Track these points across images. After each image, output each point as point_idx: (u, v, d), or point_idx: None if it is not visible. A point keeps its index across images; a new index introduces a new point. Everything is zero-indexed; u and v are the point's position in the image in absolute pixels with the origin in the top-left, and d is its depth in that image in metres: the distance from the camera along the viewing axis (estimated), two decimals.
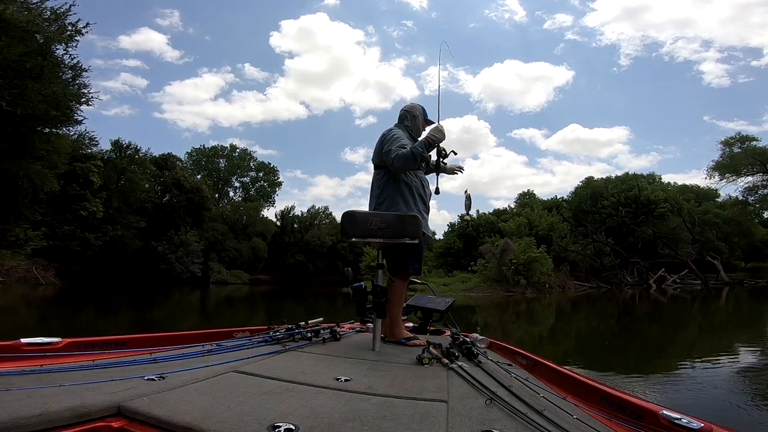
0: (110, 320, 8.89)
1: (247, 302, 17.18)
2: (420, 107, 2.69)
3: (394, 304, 2.37)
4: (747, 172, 30.45)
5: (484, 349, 2.30)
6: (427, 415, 1.14)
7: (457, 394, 1.38)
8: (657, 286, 23.64)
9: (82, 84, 17.64)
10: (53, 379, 1.25)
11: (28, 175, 17.77)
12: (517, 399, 1.30)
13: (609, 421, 1.29)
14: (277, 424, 0.96)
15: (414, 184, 2.48)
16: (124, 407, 1.04)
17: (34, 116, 15.34)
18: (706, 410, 3.05)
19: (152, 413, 1.00)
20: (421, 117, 2.66)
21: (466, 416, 1.15)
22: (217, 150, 48.49)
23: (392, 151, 2.35)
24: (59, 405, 0.97)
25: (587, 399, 1.55)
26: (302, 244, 43.40)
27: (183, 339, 2.16)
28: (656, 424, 1.18)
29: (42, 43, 15.40)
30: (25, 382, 1.20)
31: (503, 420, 1.13)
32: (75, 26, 16.44)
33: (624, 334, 8.46)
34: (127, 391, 1.14)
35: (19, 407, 0.94)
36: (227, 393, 1.21)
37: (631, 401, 1.36)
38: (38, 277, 18.44)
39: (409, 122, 2.64)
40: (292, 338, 2.21)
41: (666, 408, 1.22)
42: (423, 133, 2.64)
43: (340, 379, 1.47)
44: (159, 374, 1.35)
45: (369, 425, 1.02)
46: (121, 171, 29.34)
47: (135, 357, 1.68)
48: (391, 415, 1.11)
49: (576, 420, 1.18)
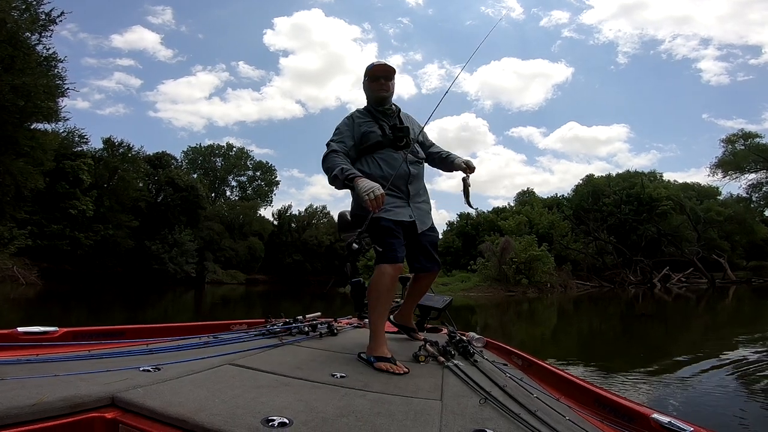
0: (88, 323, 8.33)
1: (242, 302, 16.83)
2: (367, 68, 2.13)
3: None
4: (750, 169, 30.08)
5: (480, 348, 2.30)
6: (421, 412, 1.14)
7: (451, 392, 1.38)
8: (662, 285, 23.23)
9: (57, 75, 17.11)
10: (48, 368, 1.23)
11: (10, 172, 17.19)
12: (511, 399, 1.30)
13: (601, 423, 1.30)
14: (271, 418, 0.96)
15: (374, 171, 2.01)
16: (118, 398, 1.03)
17: (2, 107, 14.72)
18: (698, 415, 3.10)
19: (146, 404, 1.00)
20: (364, 79, 2.14)
21: (460, 415, 1.16)
22: (214, 149, 48.10)
23: (328, 145, 2.01)
24: (53, 395, 0.96)
25: (580, 400, 1.57)
26: (299, 244, 42.96)
27: (180, 331, 2.13)
28: (647, 427, 1.20)
29: (13, 32, 14.83)
30: (19, 371, 1.18)
31: (496, 419, 1.13)
32: (49, 15, 15.96)
33: (633, 335, 8.03)
34: (121, 381, 1.13)
35: (12, 397, 0.94)
36: (222, 385, 1.21)
37: (623, 404, 1.38)
38: (18, 277, 17.87)
39: (366, 97, 2.17)
40: (289, 332, 2.19)
41: (657, 411, 1.23)
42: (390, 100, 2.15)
43: (336, 375, 1.46)
44: (155, 365, 1.33)
45: (363, 421, 1.02)
46: (113, 169, 28.90)
47: (131, 348, 1.66)
48: (385, 412, 1.11)
49: (568, 421, 1.18)
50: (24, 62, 15.23)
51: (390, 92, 2.11)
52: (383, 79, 2.08)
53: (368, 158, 2.02)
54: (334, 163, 1.89)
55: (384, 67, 2.09)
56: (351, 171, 1.85)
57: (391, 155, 2.01)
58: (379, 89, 2.07)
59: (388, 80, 2.09)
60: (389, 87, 2.10)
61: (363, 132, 2.03)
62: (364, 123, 2.06)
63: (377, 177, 1.93)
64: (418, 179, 2.12)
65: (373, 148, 2.02)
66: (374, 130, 2.03)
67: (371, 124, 2.05)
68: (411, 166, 2.05)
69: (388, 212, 1.92)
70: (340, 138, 2.01)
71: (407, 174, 2.02)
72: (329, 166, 1.90)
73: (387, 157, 2.01)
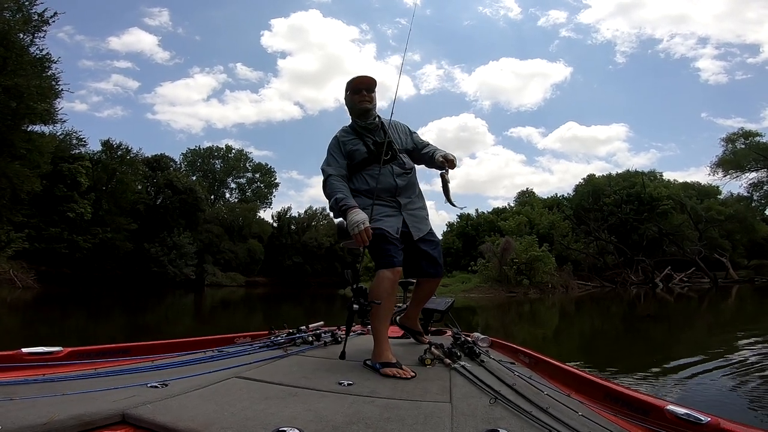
0: (86, 331, 8.17)
1: (242, 305, 16.70)
2: (348, 82, 2.17)
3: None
4: (751, 168, 29.94)
5: (485, 348, 2.29)
6: (431, 415, 1.14)
7: (460, 393, 1.37)
8: (664, 284, 23.11)
9: (51, 77, 16.94)
10: (56, 388, 1.24)
11: (6, 175, 17.01)
12: (521, 397, 1.29)
13: (615, 417, 1.28)
14: (282, 429, 0.96)
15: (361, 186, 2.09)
16: (129, 415, 1.03)
17: None
18: (712, 407, 2.89)
19: (156, 420, 1.00)
20: (346, 93, 2.19)
21: (471, 416, 1.15)
22: (213, 151, 47.96)
23: (323, 171, 2.10)
24: (63, 413, 0.96)
25: (591, 396, 1.54)
26: (299, 246, 42.80)
27: (184, 346, 2.14)
28: (662, 419, 1.18)
29: (5, 33, 14.70)
30: (27, 391, 1.19)
31: (508, 418, 1.13)
32: (42, 16, 15.84)
33: (636, 335, 7.92)
34: (130, 398, 1.13)
35: (24, 416, 0.94)
36: (230, 399, 1.21)
37: (635, 397, 1.36)
38: (14, 280, 17.70)
39: (349, 111, 2.22)
40: (294, 342, 2.21)
41: (671, 403, 1.21)
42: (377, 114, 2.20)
43: (343, 383, 1.46)
44: (161, 381, 1.33)
45: (373, 427, 1.02)
46: (111, 172, 28.78)
47: (137, 365, 1.67)
48: (395, 417, 1.10)
49: (581, 417, 1.16)
50: (16, 63, 15.09)
51: (373, 104, 2.14)
52: (365, 91, 2.11)
53: (357, 175, 2.09)
54: (332, 191, 1.99)
55: (365, 78, 2.12)
56: (344, 202, 1.93)
57: (377, 170, 2.06)
58: (362, 101, 2.11)
59: (370, 92, 2.13)
60: (372, 98, 2.13)
61: (348, 151, 2.09)
62: (349, 141, 2.11)
63: (363, 192, 2.03)
64: (408, 188, 2.14)
65: (361, 165, 2.08)
66: (359, 147, 2.09)
67: (356, 141, 2.11)
68: (398, 179, 2.08)
69: (378, 222, 1.96)
70: (333, 161, 2.09)
71: (394, 187, 2.07)
72: (328, 194, 2.02)
73: (373, 172, 2.06)
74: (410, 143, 2.24)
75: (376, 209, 1.96)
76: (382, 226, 1.95)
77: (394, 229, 2.00)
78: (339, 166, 2.07)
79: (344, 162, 2.08)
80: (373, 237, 1.88)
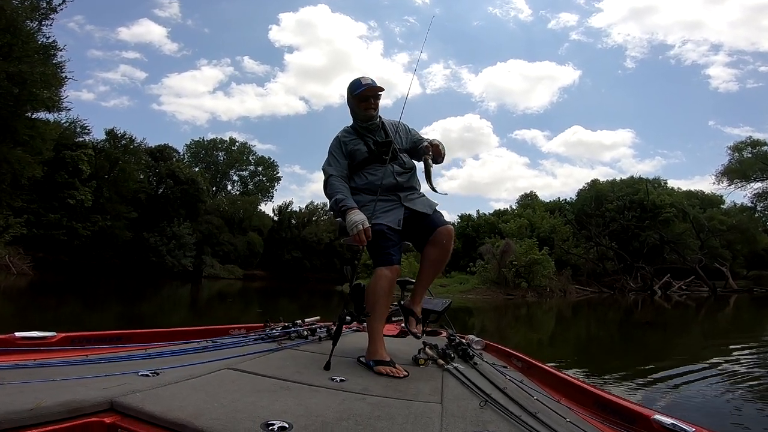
0: (80, 320, 8.15)
1: (239, 298, 16.69)
2: (351, 84, 2.15)
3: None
4: (757, 178, 29.76)
5: (479, 350, 2.29)
6: (421, 415, 1.14)
7: (451, 395, 1.38)
8: (662, 292, 23.02)
9: (57, 64, 16.92)
10: (46, 373, 1.24)
11: (7, 160, 17.01)
12: (511, 401, 1.29)
13: (602, 425, 1.29)
14: (271, 422, 0.96)
15: (361, 184, 2.12)
16: (117, 403, 1.02)
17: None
18: (701, 416, 3.08)
19: (145, 409, 0.99)
20: (350, 95, 2.17)
21: (460, 417, 1.16)
22: (216, 143, 47.97)
23: (324, 171, 2.14)
24: (51, 399, 0.96)
25: (581, 402, 1.56)
26: (299, 240, 42.75)
27: (178, 335, 2.12)
28: (648, 428, 1.19)
29: (12, 19, 14.66)
30: (17, 376, 1.19)
31: (497, 422, 1.13)
32: (49, 3, 15.84)
33: (631, 342, 7.87)
34: (120, 386, 1.12)
35: (11, 402, 0.94)
36: (221, 390, 1.20)
37: (623, 405, 1.37)
38: (10, 266, 17.71)
39: (351, 112, 2.23)
40: (289, 336, 2.19)
41: (658, 413, 1.22)
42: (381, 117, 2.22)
43: (336, 379, 1.46)
44: (153, 370, 1.32)
45: (363, 425, 1.02)
46: (114, 160, 28.79)
47: (130, 352, 1.66)
48: (385, 415, 1.11)
49: (569, 423, 1.17)
50: (22, 50, 15.06)
51: (377, 109, 2.17)
52: (373, 99, 2.13)
53: (358, 174, 2.13)
54: (333, 191, 2.02)
55: (375, 88, 2.12)
56: (344, 203, 1.95)
57: (377, 169, 2.08)
58: (368, 108, 2.12)
59: (377, 99, 2.15)
60: (377, 105, 2.16)
61: (350, 150, 2.12)
62: (351, 141, 2.14)
63: (363, 188, 2.07)
64: (409, 186, 2.16)
65: (362, 165, 2.11)
66: (360, 147, 2.12)
67: (357, 141, 2.14)
68: (398, 177, 2.11)
69: (378, 218, 1.97)
70: (334, 161, 2.11)
71: (395, 185, 2.10)
72: (329, 194, 2.05)
73: (374, 170, 2.09)
74: (410, 142, 2.25)
75: (377, 206, 1.99)
76: (383, 221, 1.97)
77: (396, 221, 2.01)
78: (340, 166, 2.10)
79: (345, 162, 2.11)
80: (372, 234, 1.88)
